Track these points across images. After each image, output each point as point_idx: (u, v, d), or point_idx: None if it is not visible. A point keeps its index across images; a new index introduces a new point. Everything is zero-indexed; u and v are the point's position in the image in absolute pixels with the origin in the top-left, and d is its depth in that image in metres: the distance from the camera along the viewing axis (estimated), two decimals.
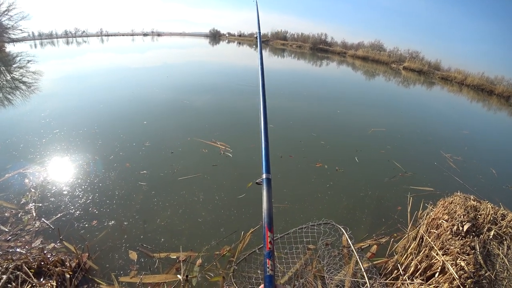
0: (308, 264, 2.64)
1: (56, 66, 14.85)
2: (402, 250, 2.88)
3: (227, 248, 2.81)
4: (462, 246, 2.79)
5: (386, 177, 4.57)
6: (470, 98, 16.73)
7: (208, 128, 5.89)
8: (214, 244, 2.87)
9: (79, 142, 4.88)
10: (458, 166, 5.31)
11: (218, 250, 2.79)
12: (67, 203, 3.33)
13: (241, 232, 2.99)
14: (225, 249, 2.79)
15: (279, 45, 41.63)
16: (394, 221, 3.46)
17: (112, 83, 10.47)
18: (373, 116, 8.50)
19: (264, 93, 1.64)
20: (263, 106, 1.57)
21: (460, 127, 8.77)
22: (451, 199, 3.70)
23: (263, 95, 1.62)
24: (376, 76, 20.50)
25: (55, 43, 33.53)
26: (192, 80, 11.39)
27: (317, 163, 4.75)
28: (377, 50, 33.38)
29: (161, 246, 2.81)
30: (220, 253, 2.76)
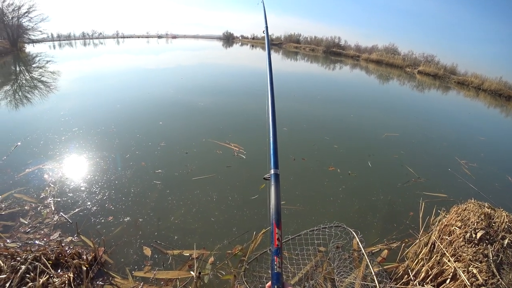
0: (319, 266, 2.66)
1: (73, 66, 15.27)
2: (413, 256, 2.87)
3: (239, 247, 2.86)
4: (474, 254, 2.77)
5: (399, 182, 4.54)
6: (487, 104, 16.38)
7: (222, 129, 5.97)
8: (226, 243, 2.92)
9: (97, 141, 5.03)
10: (473, 173, 5.23)
11: (230, 249, 2.84)
12: (85, 198, 3.45)
13: (253, 232, 3.04)
14: (237, 249, 2.84)
15: (292, 48, 41.66)
16: (406, 227, 3.44)
17: (128, 83, 10.72)
18: (387, 120, 8.46)
19: (272, 86, 1.68)
20: (271, 99, 1.62)
21: (476, 133, 8.61)
22: (465, 206, 3.65)
23: (271, 88, 1.67)
24: (390, 80, 20.29)
25: (73, 44, 34.47)
26: (206, 82, 11.55)
27: (330, 166, 4.76)
28: (391, 54, 32.99)
29: (174, 243, 2.88)
30: (232, 252, 2.81)
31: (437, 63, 28.45)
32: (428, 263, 2.67)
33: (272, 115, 1.55)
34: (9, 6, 22.45)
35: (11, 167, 4.04)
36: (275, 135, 1.43)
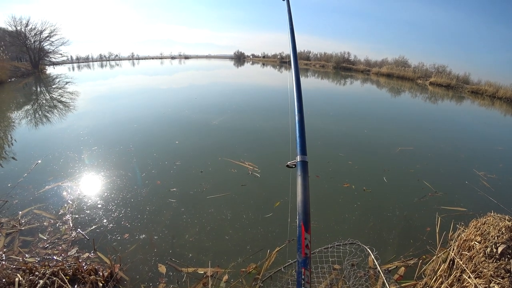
0: (334, 284, 2.62)
1: (91, 87, 15.90)
2: (432, 273, 2.80)
3: (253, 265, 2.85)
4: (496, 269, 2.69)
5: (415, 197, 4.46)
6: (504, 112, 16.02)
7: (237, 148, 6.05)
8: (241, 261, 2.92)
9: (115, 159, 5.20)
10: (492, 185, 5.09)
11: (244, 267, 2.83)
12: (101, 216, 3.54)
13: (267, 251, 3.03)
14: (251, 267, 2.83)
15: (302, 65, 42.01)
16: (423, 243, 3.36)
17: (144, 103, 11.08)
18: (401, 134, 8.38)
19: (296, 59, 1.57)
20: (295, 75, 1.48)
21: (493, 143, 8.40)
22: (484, 220, 3.56)
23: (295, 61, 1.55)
24: (402, 93, 20.15)
25: (91, 66, 35.83)
26: (219, 101, 11.78)
27: (344, 183, 4.72)
28: (402, 66, 32.80)
29: (189, 261, 2.90)
30: (246, 270, 2.80)
31: (449, 73, 28.05)
32: (447, 280, 2.60)
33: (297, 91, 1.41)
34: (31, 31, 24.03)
35: (32, 184, 4.23)
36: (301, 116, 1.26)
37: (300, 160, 1.04)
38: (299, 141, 1.13)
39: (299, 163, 1.03)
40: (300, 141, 1.13)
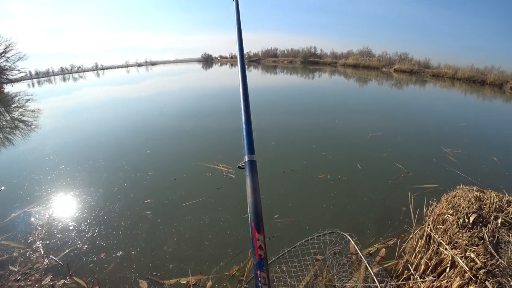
0: (318, 275, 2.62)
1: (55, 103, 15.20)
2: (411, 250, 2.87)
3: (236, 267, 2.81)
4: (470, 238, 2.79)
5: (389, 180, 4.58)
6: (464, 91, 16.85)
7: (210, 151, 5.96)
8: (223, 265, 2.86)
9: (84, 177, 4.97)
10: (459, 160, 5.32)
11: (227, 271, 2.78)
12: (74, 238, 3.37)
13: (249, 250, 3.00)
14: (234, 269, 2.79)
15: (271, 62, 42.36)
16: (400, 222, 3.44)
17: (112, 115, 10.70)
18: (370, 121, 8.57)
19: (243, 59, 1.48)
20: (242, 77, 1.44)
21: (457, 121, 8.79)
22: (454, 193, 3.70)
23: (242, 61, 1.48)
24: (369, 82, 20.72)
25: (52, 80, 34.35)
26: (189, 105, 11.61)
27: (320, 174, 4.77)
28: (367, 56, 33.95)
29: (170, 272, 2.82)
30: (229, 273, 2.75)
31: (411, 59, 29.34)
32: (426, 255, 2.67)
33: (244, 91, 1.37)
34: None
35: None
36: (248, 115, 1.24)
37: (248, 160, 1.02)
38: (246, 140, 1.11)
39: (247, 163, 1.01)
40: (247, 141, 1.10)
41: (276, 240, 3.16)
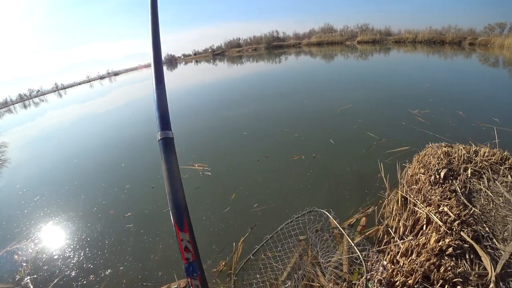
0: (303, 254, 2.65)
1: (19, 133, 14.51)
2: (389, 214, 2.92)
3: (223, 262, 2.82)
4: (442, 193, 2.88)
5: (363, 150, 4.67)
6: (426, 53, 17.33)
7: (184, 152, 5.88)
8: (210, 262, 2.87)
9: (62, 203, 4.82)
10: (427, 119, 5.48)
11: (215, 267, 2.79)
12: (61, 266, 3.28)
13: (233, 244, 3.01)
14: (221, 264, 2.80)
15: (235, 53, 42.02)
16: (377, 189, 3.53)
17: (81, 134, 10.36)
18: (339, 95, 8.69)
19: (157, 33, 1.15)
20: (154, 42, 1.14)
21: (421, 82, 8.98)
22: (424, 152, 3.82)
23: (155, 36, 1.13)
24: (335, 57, 20.98)
25: (12, 110, 32.72)
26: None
27: (294, 156, 4.80)
28: (329, 33, 34.30)
29: (160, 279, 2.80)
30: (217, 269, 2.76)
31: (372, 29, 29.97)
32: (403, 217, 2.73)
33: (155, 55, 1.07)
34: None
35: None
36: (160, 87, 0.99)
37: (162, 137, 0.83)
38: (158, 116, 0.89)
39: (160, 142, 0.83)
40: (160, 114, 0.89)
41: (259, 228, 3.18)
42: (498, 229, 2.45)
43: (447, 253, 2.16)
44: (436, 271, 2.02)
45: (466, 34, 19.98)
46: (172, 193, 0.68)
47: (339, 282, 2.23)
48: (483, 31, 19.48)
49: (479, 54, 15.14)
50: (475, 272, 2.04)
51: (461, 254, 2.18)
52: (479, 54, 14.98)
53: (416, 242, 2.31)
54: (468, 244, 2.24)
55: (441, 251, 2.19)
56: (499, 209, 2.68)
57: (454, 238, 2.25)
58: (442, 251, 2.19)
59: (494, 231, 2.44)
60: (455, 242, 2.21)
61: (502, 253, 2.20)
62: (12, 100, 41.27)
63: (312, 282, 2.36)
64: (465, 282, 1.99)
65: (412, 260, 2.14)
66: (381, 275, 2.06)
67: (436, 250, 2.17)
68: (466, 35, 19.87)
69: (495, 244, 2.29)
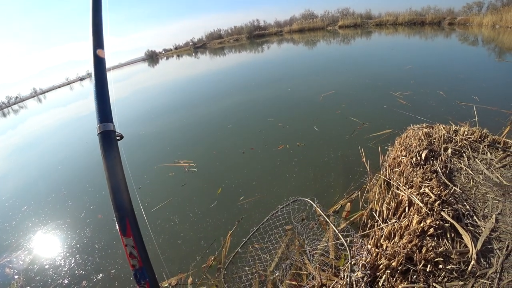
0: (291, 244, 2.68)
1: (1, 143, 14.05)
2: (373, 198, 2.96)
3: (212, 258, 2.84)
4: (423, 174, 2.93)
5: (347, 135, 4.71)
6: (407, 34, 17.42)
7: (170, 150, 5.86)
8: (199, 258, 2.89)
9: (49, 211, 4.75)
10: (408, 101, 5.55)
11: (204, 263, 2.81)
12: (53, 275, 3.26)
13: (221, 238, 3.03)
14: (211, 260, 2.82)
15: (217, 44, 41.43)
16: (361, 174, 3.57)
17: (65, 139, 10.12)
18: (322, 82, 8.68)
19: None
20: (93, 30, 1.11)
21: (403, 64, 9.05)
22: (406, 134, 3.87)
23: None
24: (317, 43, 20.88)
25: None
26: (141, 109, 11.16)
27: (279, 146, 4.82)
28: (310, 19, 34.08)
29: None
30: (207, 265, 2.79)
31: (352, 13, 29.89)
32: (385, 200, 2.76)
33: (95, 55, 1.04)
34: None
35: None
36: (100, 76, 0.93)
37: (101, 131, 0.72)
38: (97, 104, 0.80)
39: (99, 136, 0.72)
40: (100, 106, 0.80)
41: (245, 221, 3.20)
42: (479, 206, 2.52)
43: (429, 234, 2.21)
44: (418, 252, 2.06)
45: (445, 14, 20.17)
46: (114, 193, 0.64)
47: (325, 269, 2.26)
48: (461, 11, 19.68)
49: (458, 33, 15.30)
50: (456, 250, 2.10)
51: (442, 233, 2.24)
52: (458, 34, 15.14)
53: (398, 224, 2.35)
54: (449, 223, 2.29)
55: (423, 232, 2.23)
56: (479, 187, 2.75)
57: (435, 219, 2.30)
58: (424, 232, 2.24)
59: (474, 208, 2.50)
60: (436, 222, 2.26)
61: (483, 229, 2.26)
62: None
63: (300, 270, 2.39)
64: (446, 261, 2.04)
65: (395, 243, 2.18)
66: (365, 260, 2.09)
67: (418, 231, 2.22)
68: (445, 15, 20.06)
69: (476, 221, 2.35)
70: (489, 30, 14.79)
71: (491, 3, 17.68)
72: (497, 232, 2.22)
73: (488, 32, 14.16)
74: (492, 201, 2.53)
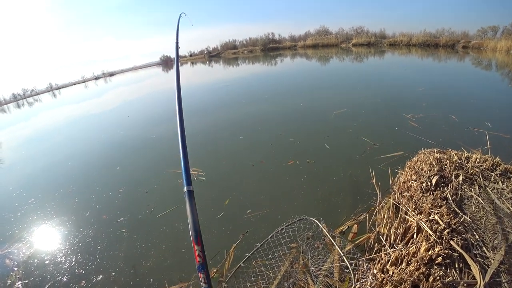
0: (295, 262, 2.66)
1: (12, 133, 14.32)
2: (381, 222, 2.93)
3: (214, 269, 2.83)
4: (433, 201, 2.89)
5: (357, 155, 4.68)
6: (420, 56, 17.46)
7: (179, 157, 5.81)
8: None
9: (56, 206, 4.78)
10: (420, 124, 5.52)
11: None
12: (52, 271, 3.26)
13: (225, 251, 3.02)
14: (213, 272, 2.80)
15: (231, 54, 41.99)
16: (369, 196, 3.54)
17: (76, 135, 10.28)
18: (334, 99, 8.70)
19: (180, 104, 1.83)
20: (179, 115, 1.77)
21: (415, 86, 9.05)
22: (417, 158, 3.83)
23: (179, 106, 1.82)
24: (330, 60, 21.05)
25: (5, 109, 32.39)
26: (153, 113, 11.31)
27: (289, 161, 4.81)
28: (324, 35, 34.45)
29: (151, 286, 2.80)
30: None
31: (367, 32, 30.24)
32: (394, 224, 2.73)
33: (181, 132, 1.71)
34: None
35: None
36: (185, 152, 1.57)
37: (186, 190, 1.33)
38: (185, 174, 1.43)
39: (186, 193, 1.31)
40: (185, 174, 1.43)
41: (250, 235, 3.18)
42: (488, 237, 2.47)
43: (437, 262, 2.17)
44: (425, 280, 2.03)
45: (459, 37, 20.22)
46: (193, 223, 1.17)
47: None
48: (476, 34, 19.72)
49: (472, 57, 15.28)
50: (464, 281, 2.06)
51: (451, 263, 2.20)
52: (472, 57, 15.11)
53: (406, 251, 2.32)
54: (457, 253, 2.26)
55: (430, 260, 2.20)
56: (490, 217, 2.71)
57: (443, 247, 2.26)
58: (431, 260, 2.20)
59: (484, 239, 2.46)
60: (445, 251, 2.23)
61: (492, 261, 2.22)
62: (6, 100, 40.88)
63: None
64: None
65: (402, 269, 2.15)
66: (370, 285, 2.06)
67: (426, 259, 2.18)
68: (459, 38, 20.10)
69: (485, 252, 2.31)
70: (503, 55, 14.75)
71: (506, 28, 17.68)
72: (506, 265, 2.17)
73: (502, 57, 14.12)
74: (502, 232, 2.48)
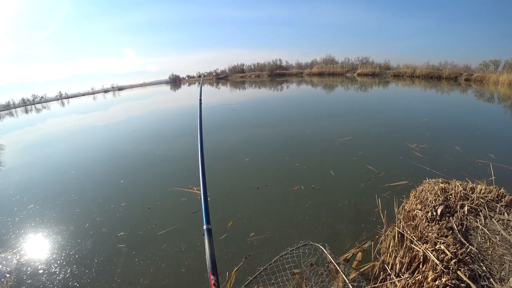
0: None
1: (17, 137, 14.41)
2: (386, 250, 2.90)
3: None
4: (439, 230, 2.86)
5: (362, 183, 4.67)
6: (423, 87, 17.77)
7: (185, 174, 5.83)
8: None
9: (55, 214, 4.73)
10: (424, 154, 5.54)
11: None
12: (45, 282, 3.18)
13: (226, 273, 2.95)
14: None
15: (238, 78, 42.84)
16: (374, 224, 3.51)
17: (81, 145, 10.30)
18: (340, 126, 8.79)
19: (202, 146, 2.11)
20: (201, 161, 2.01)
21: (420, 116, 9.18)
22: (421, 188, 3.82)
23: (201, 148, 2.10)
24: (335, 88, 21.38)
25: (14, 113, 32.73)
26: (160, 129, 11.37)
27: (294, 186, 4.79)
28: (330, 64, 35.30)
29: None
30: None
31: (372, 63, 31.00)
32: (399, 253, 2.70)
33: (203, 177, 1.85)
34: None
35: None
36: (205, 194, 1.68)
37: (206, 228, 1.46)
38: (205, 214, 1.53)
39: (205, 231, 1.44)
40: (205, 214, 1.53)
41: (253, 258, 3.12)
42: (495, 268, 2.43)
43: None
44: None
45: (462, 70, 20.69)
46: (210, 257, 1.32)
47: None
48: (478, 68, 20.14)
49: (474, 89, 15.53)
50: None
51: None
52: (474, 90, 15.36)
53: (412, 280, 2.29)
54: (465, 283, 2.22)
55: None
56: (496, 248, 2.67)
57: (451, 277, 2.23)
58: None
59: (491, 270, 2.42)
60: (452, 281, 2.19)
61: None
62: (15, 104, 41.53)
63: None
64: None
65: None
66: None
67: None
68: (462, 71, 20.56)
69: (492, 283, 2.26)
70: (505, 88, 14.99)
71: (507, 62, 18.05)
72: None
73: (504, 90, 14.34)
74: (509, 264, 2.45)
